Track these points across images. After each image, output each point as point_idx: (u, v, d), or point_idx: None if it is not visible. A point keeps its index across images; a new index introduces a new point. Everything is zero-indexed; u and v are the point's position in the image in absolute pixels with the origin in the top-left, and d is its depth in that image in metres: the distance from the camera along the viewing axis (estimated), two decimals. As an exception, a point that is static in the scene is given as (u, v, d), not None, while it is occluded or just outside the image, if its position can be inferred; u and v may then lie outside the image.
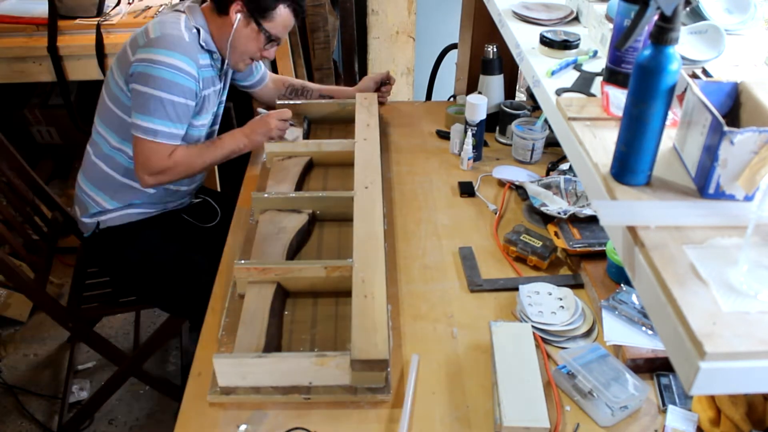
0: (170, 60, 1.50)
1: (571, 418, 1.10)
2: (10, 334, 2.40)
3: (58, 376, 2.23)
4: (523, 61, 1.27)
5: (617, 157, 0.80)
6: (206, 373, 1.17)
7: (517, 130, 1.80)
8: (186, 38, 1.53)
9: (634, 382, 1.09)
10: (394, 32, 3.18)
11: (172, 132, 1.55)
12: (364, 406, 1.12)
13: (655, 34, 0.72)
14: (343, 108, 1.98)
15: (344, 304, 1.30)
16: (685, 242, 0.71)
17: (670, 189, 0.79)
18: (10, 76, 2.18)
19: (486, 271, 1.42)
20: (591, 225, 1.45)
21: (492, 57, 1.88)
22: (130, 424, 2.06)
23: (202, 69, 1.58)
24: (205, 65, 1.61)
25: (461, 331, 1.27)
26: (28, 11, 2.26)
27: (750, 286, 0.65)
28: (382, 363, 1.09)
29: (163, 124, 1.53)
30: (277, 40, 1.63)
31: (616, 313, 1.24)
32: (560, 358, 1.17)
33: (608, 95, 0.98)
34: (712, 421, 1.04)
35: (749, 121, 0.79)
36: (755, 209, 0.68)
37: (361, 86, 2.04)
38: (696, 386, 0.60)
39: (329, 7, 2.71)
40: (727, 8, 1.20)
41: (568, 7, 1.42)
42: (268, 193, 1.53)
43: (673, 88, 0.73)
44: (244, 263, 1.30)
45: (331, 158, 1.76)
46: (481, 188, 1.72)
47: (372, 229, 1.38)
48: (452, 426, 1.09)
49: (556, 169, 1.72)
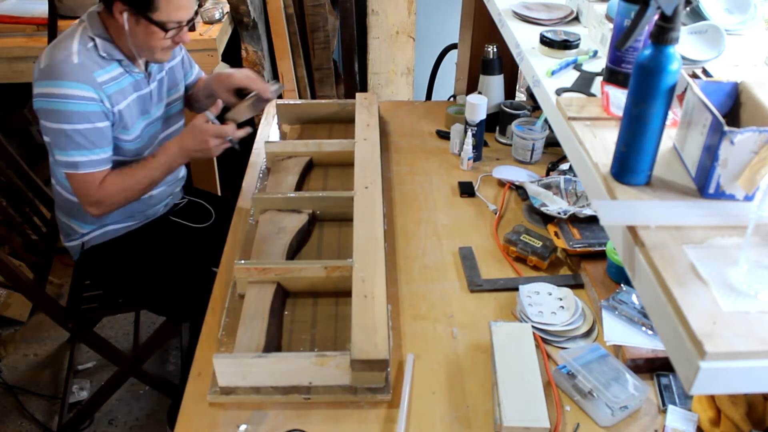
0: (62, 90, 1.41)
1: (571, 418, 1.10)
2: (10, 334, 2.40)
3: (58, 376, 2.23)
4: (523, 61, 1.27)
5: (617, 157, 0.80)
6: (206, 373, 1.17)
7: (517, 130, 1.80)
8: (75, 60, 1.42)
9: (634, 382, 1.09)
10: (394, 32, 3.18)
11: (92, 160, 1.48)
12: (364, 406, 1.11)
13: (656, 34, 0.72)
14: (343, 108, 1.98)
15: (344, 304, 1.30)
16: (685, 242, 0.71)
17: (670, 189, 0.79)
18: (10, 76, 2.19)
19: (486, 271, 1.42)
20: (591, 225, 1.45)
21: (492, 57, 1.88)
22: (130, 424, 2.06)
23: (108, 84, 1.47)
24: (114, 77, 1.50)
25: (461, 331, 1.27)
26: (28, 11, 2.26)
27: (750, 286, 0.65)
28: (382, 363, 1.09)
29: (80, 154, 1.46)
30: (177, 23, 1.47)
31: (616, 313, 1.24)
32: (560, 358, 1.17)
33: (608, 95, 0.98)
34: (712, 421, 1.04)
35: (749, 121, 0.79)
36: (755, 209, 0.68)
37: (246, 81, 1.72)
38: (696, 386, 0.60)
39: (329, 7, 2.71)
40: (727, 8, 1.20)
41: (568, 7, 1.42)
42: (268, 193, 1.53)
43: (673, 88, 0.73)
44: (244, 263, 1.30)
45: (331, 158, 1.76)
46: (481, 188, 1.72)
47: (372, 229, 1.38)
48: (452, 426, 1.09)
49: (556, 169, 1.72)
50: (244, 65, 2.50)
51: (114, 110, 1.50)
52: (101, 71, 1.47)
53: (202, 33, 2.22)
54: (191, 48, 2.17)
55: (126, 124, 1.54)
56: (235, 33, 2.48)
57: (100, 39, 1.47)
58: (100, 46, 1.47)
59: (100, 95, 1.45)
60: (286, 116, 2.00)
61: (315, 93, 2.90)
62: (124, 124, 1.54)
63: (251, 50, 2.50)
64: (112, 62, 1.49)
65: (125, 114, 1.53)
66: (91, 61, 1.45)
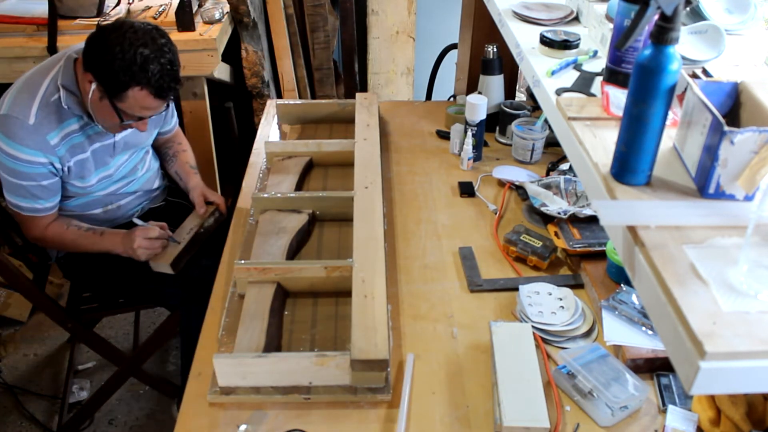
0: (11, 151, 1.42)
1: (571, 418, 1.10)
2: (10, 334, 2.40)
3: (58, 376, 2.23)
4: (523, 61, 1.27)
5: (617, 156, 0.80)
6: (206, 373, 1.17)
7: (517, 130, 1.80)
8: (31, 121, 1.41)
9: (634, 382, 1.09)
10: (394, 32, 3.18)
11: (35, 207, 1.50)
12: (364, 406, 1.11)
13: (656, 34, 0.72)
14: (343, 108, 1.98)
15: (344, 304, 1.30)
16: (685, 242, 0.71)
17: (670, 189, 0.79)
18: (10, 76, 2.18)
19: (486, 271, 1.42)
20: (591, 225, 1.45)
21: (492, 57, 1.88)
22: (130, 424, 2.06)
23: (65, 140, 1.47)
24: (74, 131, 1.49)
25: (461, 331, 1.27)
26: (28, 11, 2.26)
27: (750, 285, 0.65)
28: (382, 363, 1.09)
29: (24, 200, 1.49)
30: (138, 117, 1.47)
31: (616, 313, 1.24)
32: (560, 358, 1.17)
33: (608, 95, 0.98)
34: (712, 421, 1.04)
35: (749, 121, 0.79)
36: (755, 209, 0.68)
37: (193, 194, 1.77)
38: (696, 386, 0.60)
39: (329, 7, 2.71)
40: (727, 8, 1.19)
41: (568, 7, 1.42)
42: (268, 193, 1.53)
43: (673, 88, 0.73)
44: (244, 263, 1.30)
45: (331, 158, 1.76)
46: (481, 188, 1.72)
47: (372, 229, 1.38)
48: (452, 426, 1.09)
49: (556, 169, 1.72)
50: (244, 65, 2.50)
51: (66, 167, 1.50)
52: (57, 130, 1.46)
53: (202, 33, 2.22)
54: (192, 48, 2.17)
55: (84, 173, 1.55)
56: (235, 33, 2.48)
57: (66, 92, 1.46)
58: (63, 99, 1.45)
59: (51, 158, 1.46)
60: (286, 116, 2.00)
61: (315, 93, 2.90)
62: (81, 174, 1.55)
63: (251, 50, 2.50)
64: (73, 116, 1.49)
65: (84, 165, 1.54)
66: (49, 120, 1.44)
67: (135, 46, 1.35)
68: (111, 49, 1.34)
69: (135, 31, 1.36)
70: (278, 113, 1.99)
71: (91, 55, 1.38)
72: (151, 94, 1.40)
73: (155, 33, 1.39)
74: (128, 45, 1.34)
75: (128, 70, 1.35)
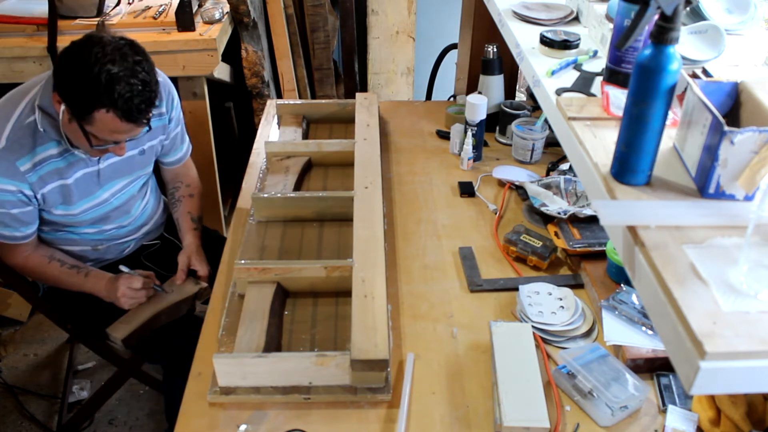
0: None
1: (571, 418, 1.10)
2: (10, 334, 2.40)
3: (58, 376, 2.23)
4: (523, 61, 1.27)
5: (617, 157, 0.80)
6: (206, 373, 1.17)
7: (517, 130, 1.80)
8: (1, 144, 1.31)
9: (634, 382, 1.09)
10: (394, 32, 3.18)
11: (9, 235, 1.42)
12: (364, 406, 1.11)
13: (656, 34, 0.72)
14: (343, 108, 1.98)
15: (344, 304, 1.30)
16: (685, 242, 0.71)
17: (670, 189, 0.79)
18: (10, 76, 2.18)
19: (486, 271, 1.42)
20: (591, 225, 1.45)
21: (492, 57, 1.88)
22: (130, 424, 2.06)
23: (39, 167, 1.36)
24: (50, 156, 1.37)
25: (461, 331, 1.27)
26: (28, 11, 2.26)
27: (750, 285, 0.65)
28: (382, 363, 1.09)
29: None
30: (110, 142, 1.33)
31: (616, 313, 1.24)
32: (560, 358, 1.17)
33: (608, 95, 0.98)
34: (712, 421, 1.04)
35: (749, 121, 0.79)
36: (755, 209, 0.68)
37: (180, 256, 1.62)
38: (696, 386, 0.60)
39: (329, 7, 2.71)
40: (727, 8, 1.19)
41: (568, 7, 1.42)
42: (268, 193, 1.53)
43: (673, 87, 0.73)
44: (244, 263, 1.30)
45: (331, 158, 1.76)
46: (481, 188, 1.72)
47: (372, 229, 1.38)
48: (452, 426, 1.09)
49: (556, 169, 1.72)
50: (244, 65, 2.50)
51: (39, 194, 1.39)
52: (29, 155, 1.34)
53: (202, 33, 2.22)
54: (192, 48, 2.17)
55: (66, 200, 1.44)
56: (235, 33, 2.48)
57: (43, 114, 1.34)
58: (39, 121, 1.34)
59: (20, 186, 1.35)
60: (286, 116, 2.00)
61: (315, 93, 2.90)
62: (63, 202, 1.44)
63: (251, 50, 2.50)
64: (50, 140, 1.37)
65: (64, 193, 1.43)
66: (20, 144, 1.33)
67: (101, 64, 1.21)
68: (76, 68, 1.22)
69: (103, 46, 1.23)
70: (278, 113, 1.99)
71: (58, 74, 1.26)
72: (118, 117, 1.25)
73: (127, 49, 1.25)
74: (94, 62, 1.21)
75: (93, 91, 1.22)
